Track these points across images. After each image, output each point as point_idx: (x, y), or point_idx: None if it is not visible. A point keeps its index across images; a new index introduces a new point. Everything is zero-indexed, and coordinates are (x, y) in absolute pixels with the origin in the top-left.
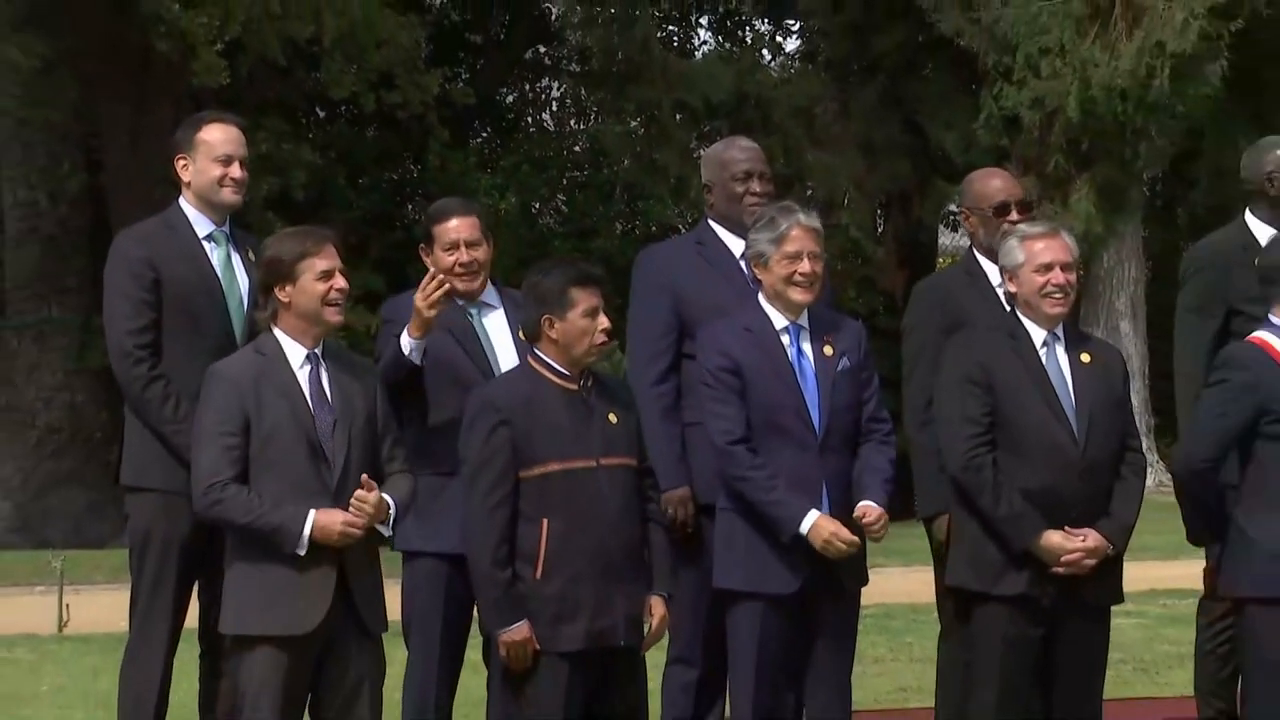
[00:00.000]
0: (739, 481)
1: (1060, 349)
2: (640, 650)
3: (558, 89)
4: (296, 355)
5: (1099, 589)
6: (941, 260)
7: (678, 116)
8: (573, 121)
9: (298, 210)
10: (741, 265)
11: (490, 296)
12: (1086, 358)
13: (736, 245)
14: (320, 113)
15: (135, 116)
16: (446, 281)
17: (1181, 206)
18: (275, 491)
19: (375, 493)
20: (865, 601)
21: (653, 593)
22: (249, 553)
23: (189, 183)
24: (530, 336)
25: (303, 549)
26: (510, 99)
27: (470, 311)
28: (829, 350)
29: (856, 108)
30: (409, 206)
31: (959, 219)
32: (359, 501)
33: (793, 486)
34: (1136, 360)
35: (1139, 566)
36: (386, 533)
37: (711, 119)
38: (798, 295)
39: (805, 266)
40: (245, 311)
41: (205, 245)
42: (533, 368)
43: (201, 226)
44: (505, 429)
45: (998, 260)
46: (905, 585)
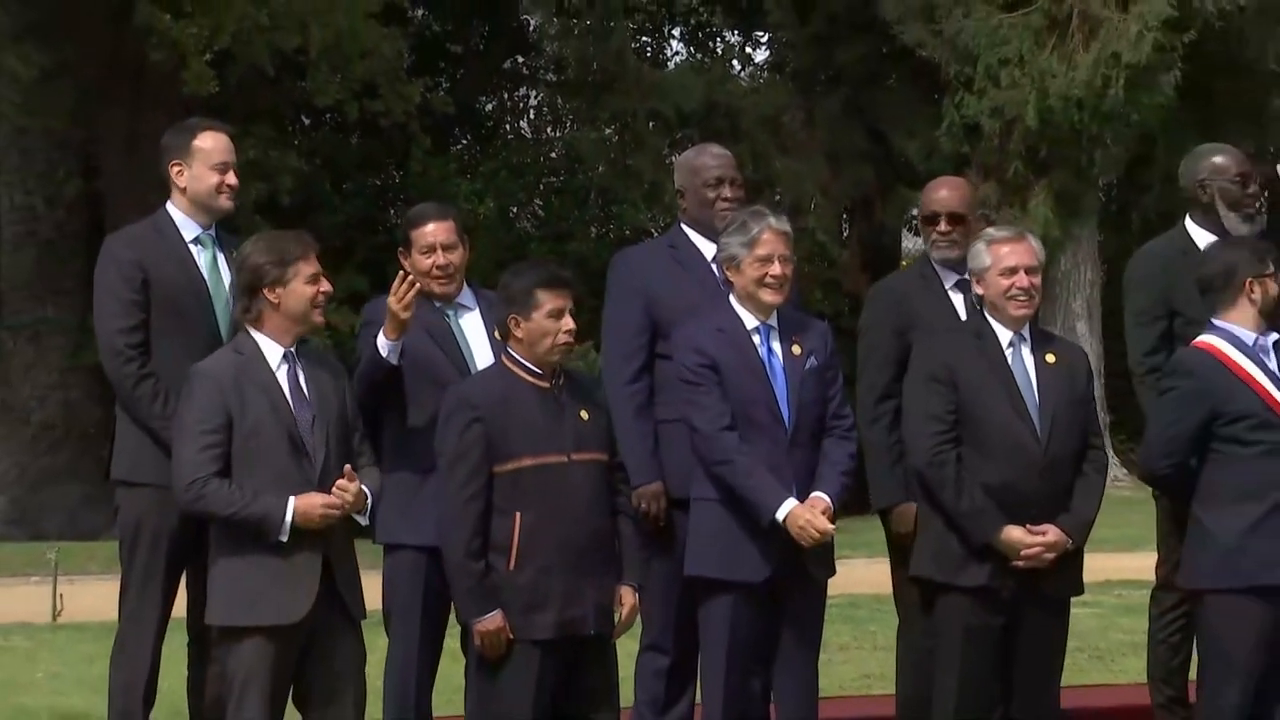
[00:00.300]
0: (722, 465)
1: (1026, 349)
2: (611, 638)
3: (535, 98)
4: (274, 354)
5: (1059, 581)
6: (905, 263)
7: (651, 124)
8: (549, 129)
9: (285, 214)
10: (713, 268)
11: (466, 298)
12: (1051, 358)
13: (708, 248)
14: (306, 120)
15: (130, 124)
16: (417, 282)
17: (1135, 211)
18: (258, 486)
19: (356, 483)
20: (831, 591)
21: (622, 583)
22: (235, 545)
23: (184, 188)
24: (502, 335)
25: (285, 535)
26: (489, 107)
27: (447, 313)
28: (797, 349)
29: (822, 116)
30: (392, 211)
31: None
32: (340, 490)
33: None
34: (1093, 359)
35: (1094, 558)
36: (364, 522)
37: (683, 127)
38: (768, 296)
39: (776, 269)
40: (231, 312)
41: (192, 248)
42: (506, 366)
43: (189, 230)
44: (479, 425)
45: (966, 264)
46: (869, 576)
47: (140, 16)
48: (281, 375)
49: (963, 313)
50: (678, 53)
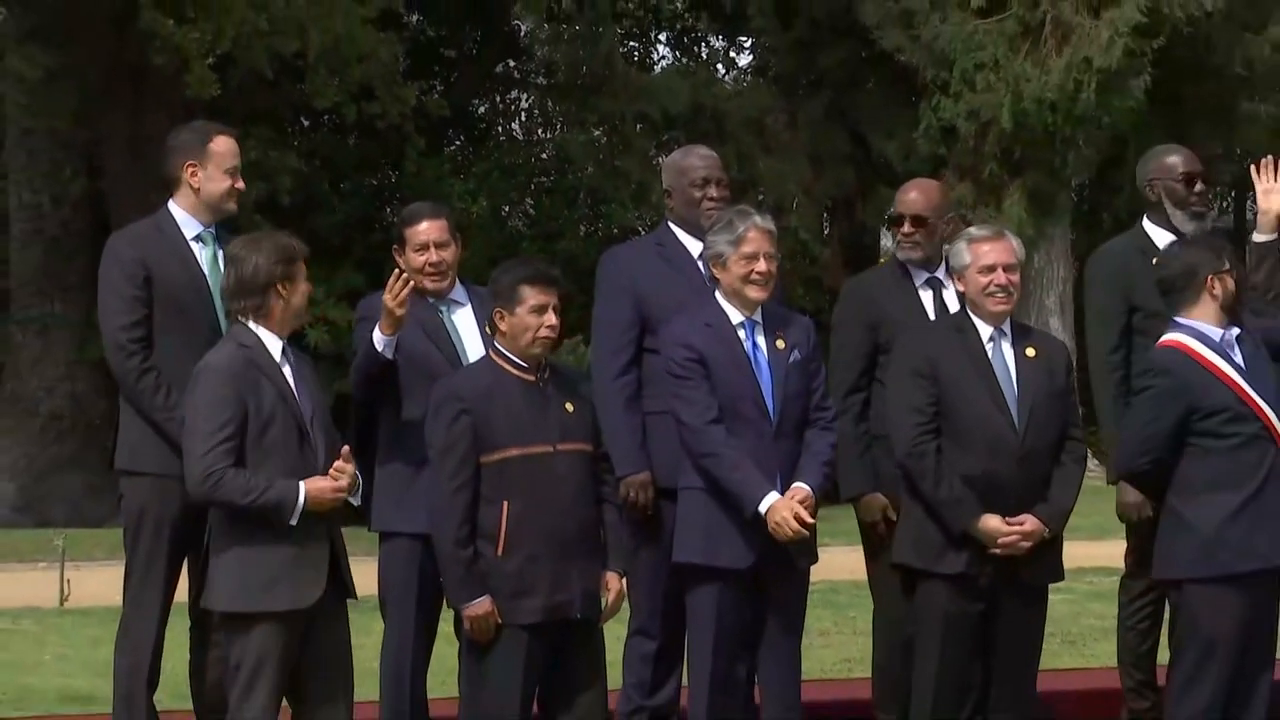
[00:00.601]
0: (708, 458)
1: (1006, 344)
2: (597, 623)
3: (526, 100)
4: (275, 348)
5: (1036, 569)
6: (883, 261)
7: (638, 126)
8: (540, 131)
9: (284, 213)
10: (699, 265)
11: (459, 294)
12: (1032, 352)
13: (694, 246)
14: (305, 122)
15: (133, 125)
16: (412, 279)
17: (1107, 211)
18: (270, 475)
19: (351, 464)
20: (813, 578)
21: (607, 569)
22: (244, 532)
23: (198, 189)
24: (490, 329)
25: (296, 519)
26: (482, 110)
27: (440, 308)
28: (781, 344)
29: (804, 119)
30: (388, 210)
31: None
32: (338, 471)
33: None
34: None
35: (1067, 546)
36: (355, 503)
37: (670, 129)
38: (754, 293)
39: (762, 266)
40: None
41: (193, 245)
42: (493, 360)
43: (190, 228)
44: (467, 417)
45: (934, 264)
46: (849, 563)
47: (143, 21)
48: (285, 368)
49: (931, 310)
50: (664, 57)
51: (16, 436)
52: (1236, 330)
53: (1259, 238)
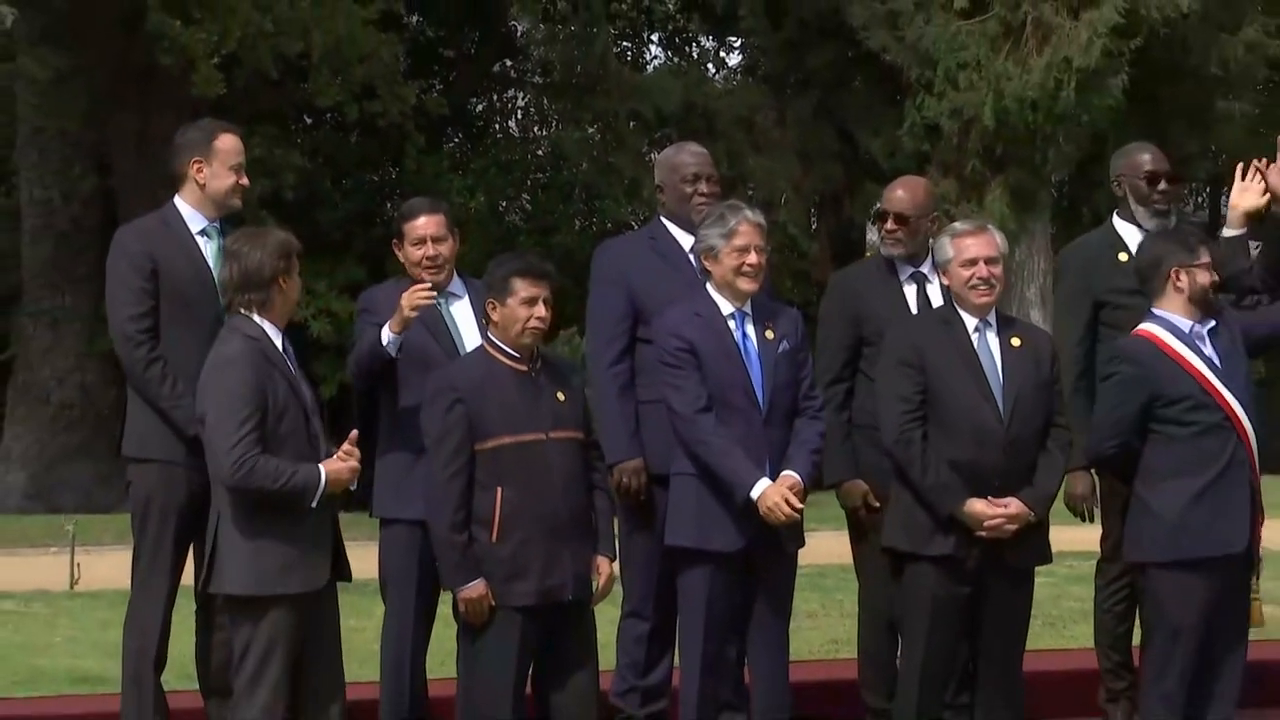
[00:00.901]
0: (699, 445)
1: (992, 334)
2: (588, 605)
3: (523, 99)
4: (277, 339)
5: (1022, 552)
6: (870, 254)
7: (631, 124)
8: (536, 128)
9: (288, 209)
10: (690, 258)
11: (456, 287)
12: (1017, 342)
13: (686, 240)
14: (308, 120)
15: (141, 124)
16: (434, 297)
17: (1086, 206)
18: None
19: (356, 448)
20: (800, 562)
21: (598, 553)
22: (258, 519)
23: (204, 184)
24: (485, 320)
25: (316, 502)
26: (480, 108)
27: (439, 301)
28: (770, 334)
29: (793, 117)
30: (389, 205)
31: None
32: (346, 454)
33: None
34: None
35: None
36: (353, 488)
37: (662, 127)
38: (745, 284)
39: (752, 258)
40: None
41: (199, 239)
42: (487, 351)
43: (195, 222)
44: (461, 406)
45: (919, 259)
46: (836, 547)
47: (151, 23)
48: (288, 359)
49: (914, 304)
50: (656, 57)
51: (28, 425)
52: (1212, 323)
53: (1228, 232)
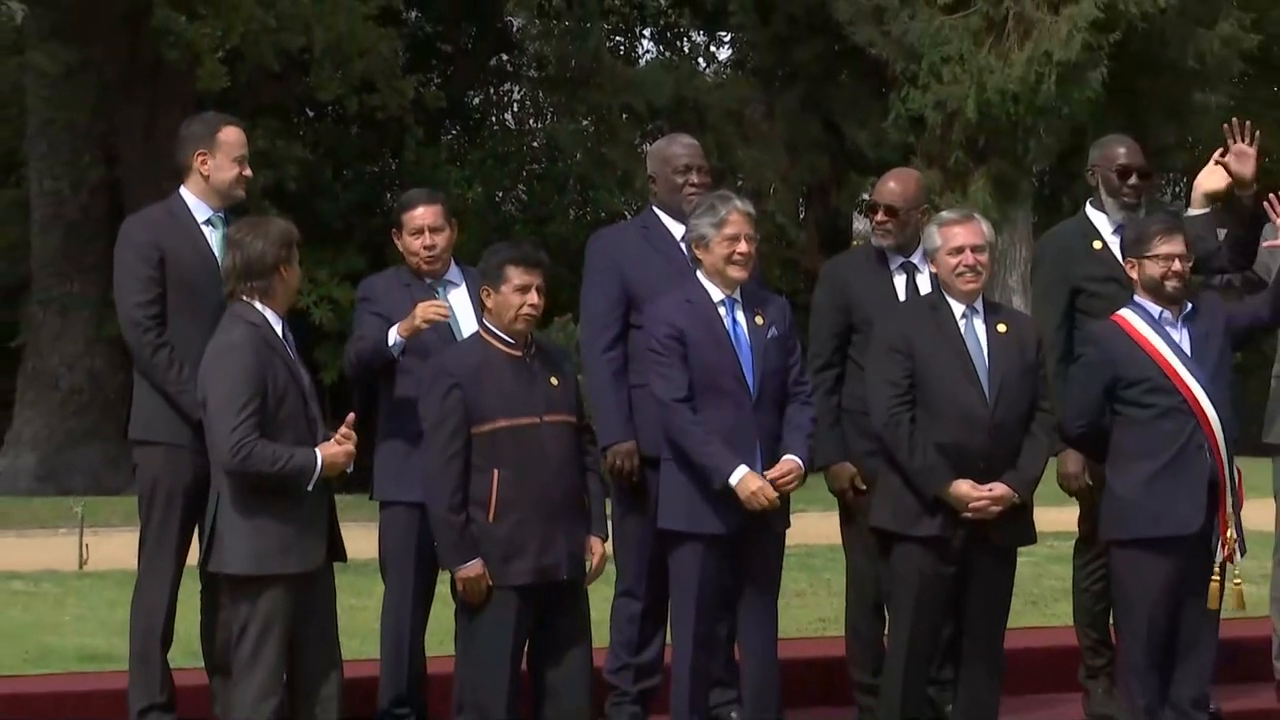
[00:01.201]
0: (679, 434)
1: (978, 320)
2: (583, 584)
3: (518, 92)
4: (278, 326)
5: (1006, 532)
6: (856, 243)
7: (624, 117)
8: (531, 121)
9: (290, 200)
10: (681, 247)
11: (454, 275)
12: (1003, 328)
13: (677, 229)
14: (310, 113)
15: (147, 117)
16: (447, 316)
17: (1066, 196)
18: (287, 445)
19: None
20: (789, 542)
21: (591, 534)
22: (257, 500)
23: (207, 176)
24: (481, 307)
25: (314, 484)
26: (476, 101)
27: (436, 289)
28: (760, 320)
29: (781, 109)
30: (388, 196)
31: None
32: (344, 437)
33: (730, 441)
34: None
35: None
36: (349, 469)
37: (654, 119)
38: (735, 272)
39: (743, 247)
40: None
41: (204, 229)
42: (482, 337)
43: (200, 212)
44: (458, 391)
45: (908, 249)
46: (824, 528)
47: (157, 18)
48: (288, 345)
49: (902, 293)
50: (648, 51)
51: (38, 410)
52: (1190, 307)
53: (1191, 212)
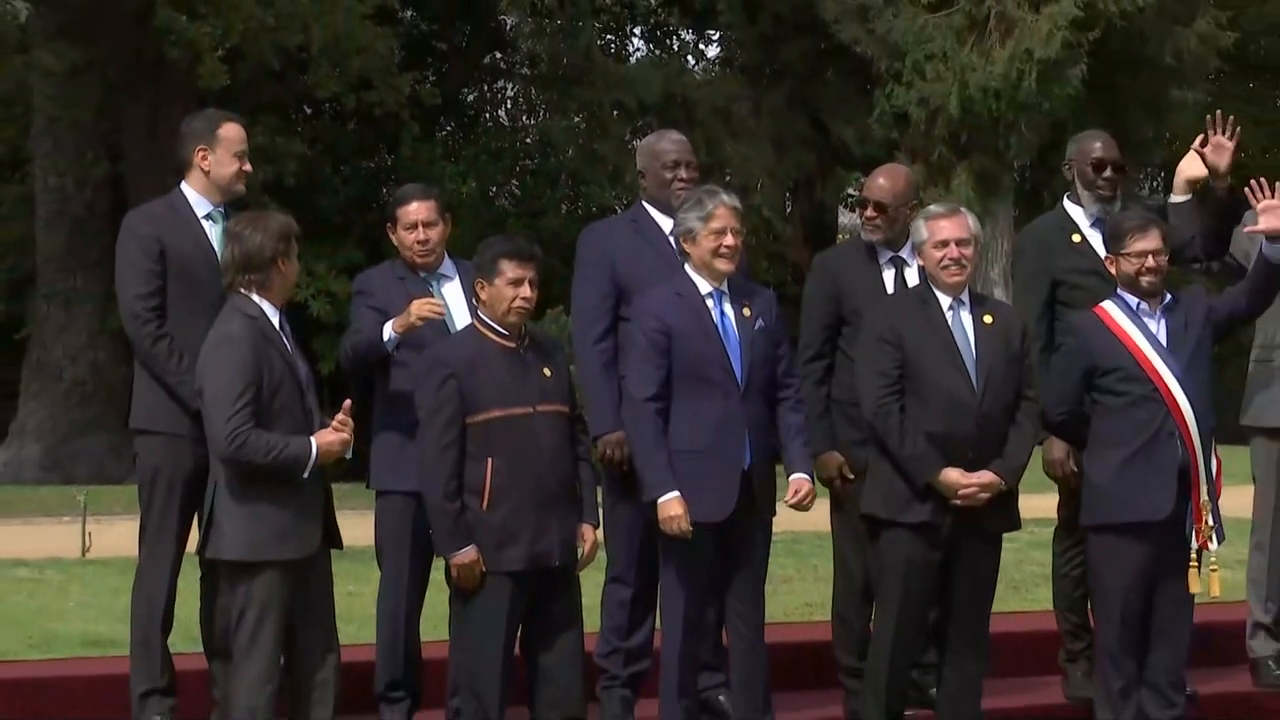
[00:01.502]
0: (636, 435)
1: (965, 312)
2: (575, 570)
3: (512, 89)
4: (275, 318)
5: (992, 519)
6: (841, 237)
7: (615, 113)
8: (524, 117)
9: (289, 194)
10: (670, 240)
11: (447, 268)
12: (989, 319)
13: (666, 223)
14: (308, 110)
15: (150, 114)
16: (442, 314)
17: (1047, 190)
18: (283, 434)
19: (349, 418)
20: (776, 529)
21: (583, 521)
22: (254, 488)
23: (208, 171)
24: (475, 299)
25: (309, 472)
26: (471, 98)
27: (430, 282)
28: (747, 312)
29: (768, 106)
30: (385, 191)
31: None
32: (340, 425)
33: (720, 431)
34: None
35: None
36: (348, 456)
37: (644, 116)
38: (722, 265)
39: (729, 240)
40: (225, 279)
41: (204, 223)
42: (476, 328)
43: (201, 207)
44: (453, 381)
45: (897, 244)
46: (810, 515)
47: (160, 18)
48: (285, 336)
49: (890, 286)
50: (639, 49)
51: (43, 401)
52: (1169, 299)
53: (1174, 199)
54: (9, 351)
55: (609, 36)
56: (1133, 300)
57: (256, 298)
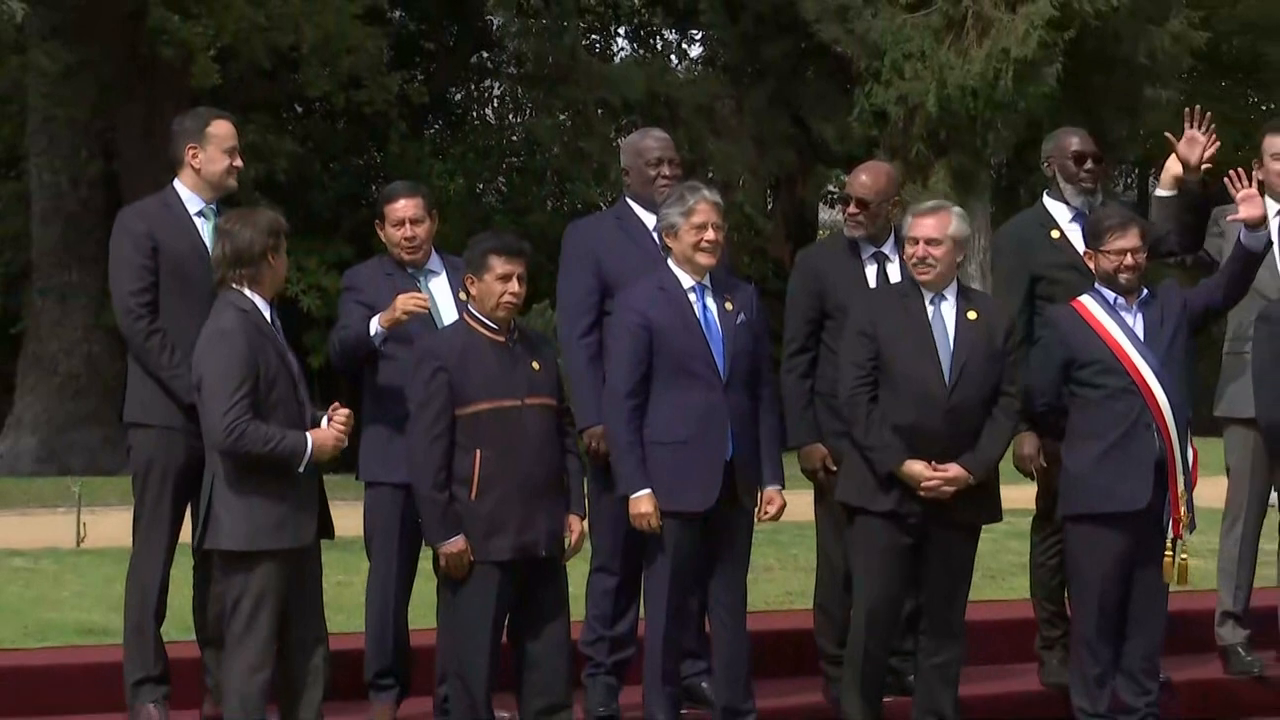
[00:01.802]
0: (611, 430)
1: (947, 306)
2: (561, 560)
3: (498, 88)
4: (267, 311)
5: (967, 510)
6: (821, 233)
7: (599, 112)
8: (511, 116)
9: (281, 191)
10: (654, 236)
11: (435, 264)
12: (973, 315)
13: (650, 219)
14: (299, 109)
15: (144, 113)
16: (426, 308)
17: (1023, 187)
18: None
19: (346, 412)
20: (757, 519)
21: (570, 512)
22: (252, 480)
23: (198, 168)
24: (465, 294)
25: (304, 466)
26: (458, 97)
27: (418, 278)
28: (729, 306)
29: (750, 105)
30: (374, 188)
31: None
32: (340, 423)
33: (703, 421)
34: None
35: None
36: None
37: (628, 114)
38: (703, 259)
39: (710, 235)
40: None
41: (196, 220)
42: (466, 322)
43: (193, 204)
44: (444, 374)
45: (879, 240)
46: (791, 505)
47: (153, 18)
48: (277, 330)
49: (873, 281)
50: (623, 49)
51: (38, 394)
52: (1145, 294)
53: (1161, 193)
54: (5, 345)
55: (594, 36)
56: (1110, 295)
57: (248, 292)
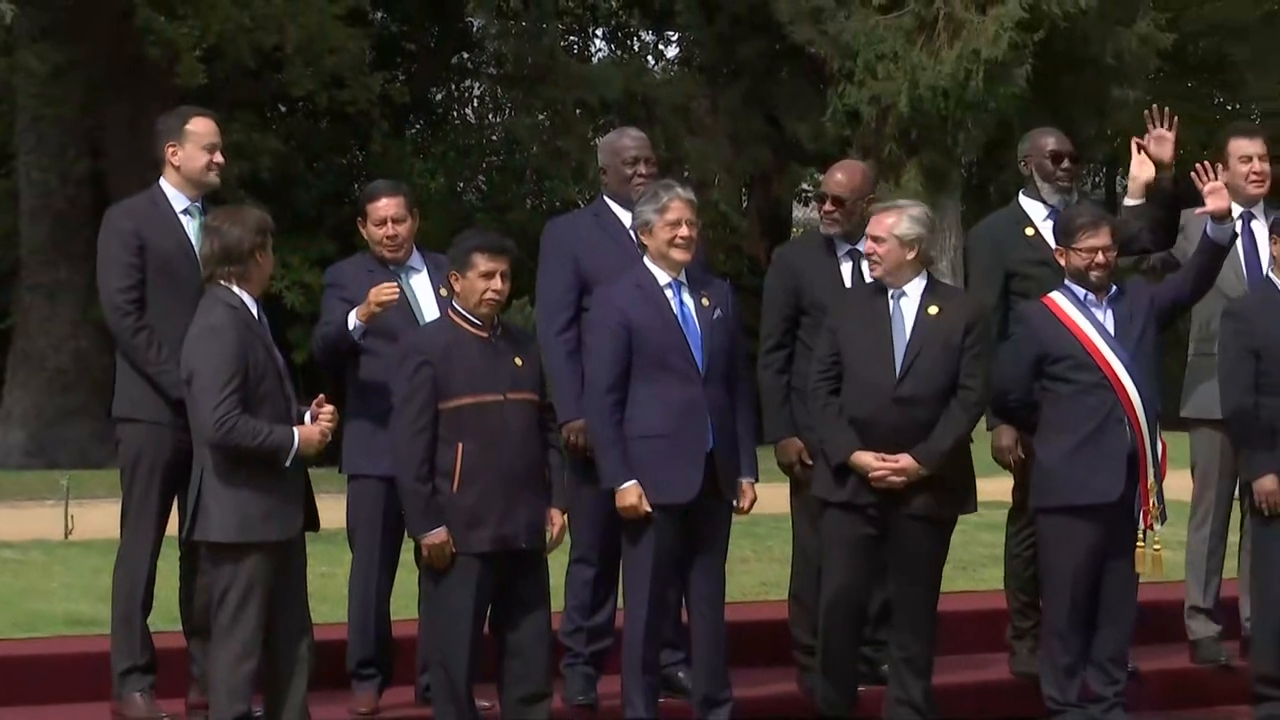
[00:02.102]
0: (594, 427)
1: (908, 301)
2: (542, 553)
3: (478, 88)
4: (254, 308)
5: (925, 501)
6: (795, 230)
7: (578, 111)
8: (491, 116)
9: (265, 189)
10: (630, 233)
11: (416, 261)
12: (934, 310)
13: (627, 217)
14: (283, 108)
15: (131, 112)
16: (397, 295)
17: (993, 185)
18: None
19: (331, 407)
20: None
21: (551, 505)
22: (241, 472)
23: (178, 166)
24: (448, 290)
25: (290, 461)
26: (439, 97)
27: (399, 275)
28: (705, 302)
29: (725, 104)
30: (356, 186)
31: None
32: (325, 419)
33: (682, 415)
34: None
35: None
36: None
37: (605, 113)
38: (678, 255)
39: (684, 231)
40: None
41: (182, 218)
42: (450, 318)
43: (179, 202)
44: (427, 368)
45: (854, 237)
46: (767, 497)
47: (140, 19)
48: (264, 325)
49: (848, 279)
50: (600, 50)
51: (27, 389)
52: (1115, 290)
53: (1129, 202)
54: None
55: (572, 37)
56: (1080, 291)
57: (236, 289)
